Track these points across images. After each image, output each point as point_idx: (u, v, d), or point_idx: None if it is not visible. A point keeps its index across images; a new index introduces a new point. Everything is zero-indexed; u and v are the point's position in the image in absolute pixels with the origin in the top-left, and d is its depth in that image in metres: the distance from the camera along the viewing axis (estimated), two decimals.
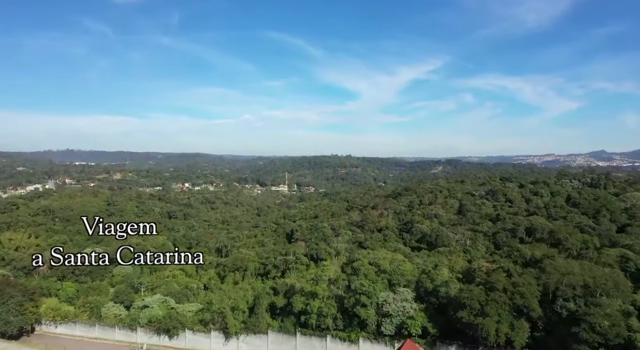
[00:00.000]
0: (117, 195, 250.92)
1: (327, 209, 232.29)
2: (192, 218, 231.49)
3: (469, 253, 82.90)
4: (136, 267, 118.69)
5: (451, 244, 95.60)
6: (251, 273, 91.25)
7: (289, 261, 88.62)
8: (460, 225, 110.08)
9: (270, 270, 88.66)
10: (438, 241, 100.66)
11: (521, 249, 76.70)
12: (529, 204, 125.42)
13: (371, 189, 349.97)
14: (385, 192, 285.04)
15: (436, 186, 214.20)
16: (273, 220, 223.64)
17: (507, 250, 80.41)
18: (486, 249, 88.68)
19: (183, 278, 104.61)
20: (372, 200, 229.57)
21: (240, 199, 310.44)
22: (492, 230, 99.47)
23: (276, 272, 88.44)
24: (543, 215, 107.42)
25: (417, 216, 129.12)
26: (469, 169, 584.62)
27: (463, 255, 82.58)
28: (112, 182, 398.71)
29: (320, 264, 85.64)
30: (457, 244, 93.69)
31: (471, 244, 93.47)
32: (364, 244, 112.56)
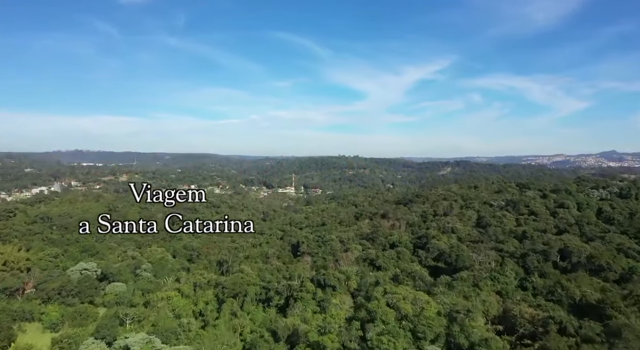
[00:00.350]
0: (119, 199, 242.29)
1: (335, 215, 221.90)
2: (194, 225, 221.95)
3: (497, 281, 72.05)
4: (130, 285, 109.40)
5: (474, 266, 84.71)
6: (252, 299, 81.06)
7: (293, 287, 78.36)
8: (481, 243, 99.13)
9: (273, 297, 78.46)
10: (458, 262, 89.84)
11: (568, 287, 65.51)
12: (556, 218, 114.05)
13: (379, 192, 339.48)
14: (394, 196, 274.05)
15: (448, 192, 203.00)
16: (279, 227, 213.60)
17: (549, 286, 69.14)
18: (515, 274, 77.70)
19: (179, 300, 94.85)
20: (382, 207, 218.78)
21: (246, 203, 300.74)
22: (520, 250, 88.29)
23: (279, 299, 78.26)
24: (575, 233, 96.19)
25: (433, 229, 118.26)
26: (478, 171, 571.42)
27: (490, 283, 71.71)
28: (118, 184, 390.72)
29: (327, 291, 75.24)
30: (482, 268, 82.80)
31: (497, 267, 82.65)
32: (376, 262, 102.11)
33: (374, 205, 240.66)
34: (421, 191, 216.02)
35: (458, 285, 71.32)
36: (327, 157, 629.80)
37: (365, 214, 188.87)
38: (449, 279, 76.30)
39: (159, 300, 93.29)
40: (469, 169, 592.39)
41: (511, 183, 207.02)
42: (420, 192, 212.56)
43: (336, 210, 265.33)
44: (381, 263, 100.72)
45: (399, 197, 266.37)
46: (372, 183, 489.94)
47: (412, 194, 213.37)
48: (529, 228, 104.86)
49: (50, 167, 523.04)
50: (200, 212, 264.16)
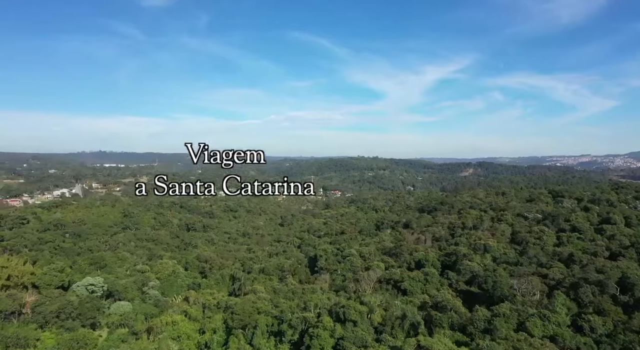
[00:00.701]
0: (135, 206, 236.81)
1: (354, 222, 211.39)
2: (211, 230, 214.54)
3: (548, 320, 60.48)
4: (136, 305, 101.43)
5: (515, 297, 73.12)
6: (262, 331, 71.40)
7: (309, 320, 68.36)
8: (521, 265, 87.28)
9: (286, 331, 68.58)
10: (496, 289, 78.30)
11: None
12: (603, 236, 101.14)
13: (400, 196, 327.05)
14: (416, 201, 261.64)
15: (475, 199, 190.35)
16: (296, 234, 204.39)
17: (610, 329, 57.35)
18: (567, 310, 65.94)
19: (185, 324, 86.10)
20: (404, 214, 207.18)
21: (264, 206, 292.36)
22: (569, 278, 76.19)
23: (292, 334, 68.35)
24: (632, 258, 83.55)
25: (463, 246, 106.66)
26: (501, 173, 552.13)
27: (540, 323, 60.19)
28: None
29: (348, 326, 64.95)
30: (525, 300, 71.14)
31: (544, 299, 71.01)
32: (402, 285, 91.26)
33: (396, 212, 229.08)
34: (445, 198, 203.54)
35: (500, 325, 60.07)
36: (346, 158, 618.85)
37: (387, 222, 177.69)
38: (488, 314, 65.06)
39: (163, 325, 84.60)
40: (492, 171, 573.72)
41: (543, 189, 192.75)
42: (445, 198, 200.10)
43: (356, 216, 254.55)
44: (407, 286, 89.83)
45: (421, 202, 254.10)
46: (392, 185, 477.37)
47: (436, 201, 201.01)
48: (574, 249, 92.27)
49: (74, 168, 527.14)
50: (218, 217, 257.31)
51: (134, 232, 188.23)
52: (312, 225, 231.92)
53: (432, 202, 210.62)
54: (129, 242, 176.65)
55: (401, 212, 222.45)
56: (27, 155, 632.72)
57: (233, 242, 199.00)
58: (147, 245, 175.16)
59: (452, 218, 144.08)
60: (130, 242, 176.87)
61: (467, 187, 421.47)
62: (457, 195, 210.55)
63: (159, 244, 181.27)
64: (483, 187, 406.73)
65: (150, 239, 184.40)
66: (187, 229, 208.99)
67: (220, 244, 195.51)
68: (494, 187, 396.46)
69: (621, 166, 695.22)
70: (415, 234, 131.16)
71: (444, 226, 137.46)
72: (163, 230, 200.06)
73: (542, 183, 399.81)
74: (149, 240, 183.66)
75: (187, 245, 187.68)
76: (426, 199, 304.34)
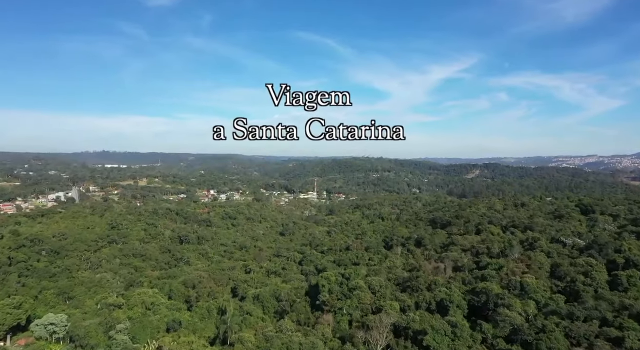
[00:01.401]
0: (127, 213, 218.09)
1: (361, 234, 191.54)
2: (206, 242, 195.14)
3: None
4: None
5: None
6: None
7: None
8: (577, 320, 67.04)
9: None
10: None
11: None
12: None
13: (407, 201, 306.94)
14: (426, 209, 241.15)
15: (492, 212, 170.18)
16: (297, 248, 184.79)
17: None
18: None
19: None
20: (414, 226, 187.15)
21: (264, 213, 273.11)
22: None
23: None
24: None
25: (493, 282, 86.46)
26: (508, 174, 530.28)
27: None
28: (136, 190, 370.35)
29: None
30: None
31: None
32: (423, 340, 71.49)
33: (404, 222, 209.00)
34: (460, 209, 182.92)
35: None
36: (351, 159, 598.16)
37: (397, 238, 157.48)
38: None
39: None
40: (499, 172, 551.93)
41: (568, 201, 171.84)
42: (459, 211, 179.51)
43: (361, 225, 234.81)
44: (430, 342, 70.02)
45: (430, 209, 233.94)
46: (398, 187, 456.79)
47: (448, 211, 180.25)
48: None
49: (74, 169, 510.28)
50: (216, 225, 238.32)
51: (121, 247, 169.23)
52: (315, 236, 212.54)
53: (445, 212, 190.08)
54: (114, 259, 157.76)
55: (410, 223, 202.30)
56: (30, 155, 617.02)
57: (229, 257, 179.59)
58: (134, 263, 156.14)
59: (473, 239, 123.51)
60: (115, 259, 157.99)
61: (475, 191, 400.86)
62: (471, 206, 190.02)
63: (147, 260, 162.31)
64: (492, 191, 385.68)
65: (138, 254, 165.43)
66: (180, 241, 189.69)
67: (215, 258, 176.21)
68: (503, 191, 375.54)
69: (629, 167, 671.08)
70: (432, 261, 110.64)
71: (464, 250, 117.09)
72: (153, 243, 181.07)
73: (554, 187, 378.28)
74: (136, 255, 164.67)
75: (178, 260, 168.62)
76: (435, 205, 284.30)
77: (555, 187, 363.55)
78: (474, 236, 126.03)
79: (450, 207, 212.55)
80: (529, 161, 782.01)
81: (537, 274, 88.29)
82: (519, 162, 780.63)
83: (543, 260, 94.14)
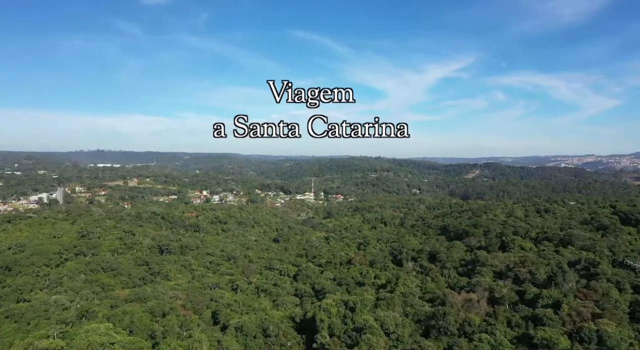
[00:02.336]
0: (105, 219, 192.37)
1: (363, 244, 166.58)
2: (191, 251, 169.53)
3: None
4: None
5: None
6: None
7: None
8: None
9: None
10: None
11: None
12: None
13: (409, 202, 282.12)
14: (431, 213, 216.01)
15: (514, 220, 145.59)
16: (292, 260, 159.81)
17: None
18: None
19: None
20: (423, 234, 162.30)
21: (258, 217, 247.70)
22: None
23: None
24: None
25: (557, 332, 61.45)
26: (509, 174, 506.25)
27: None
28: (124, 191, 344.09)
29: None
30: None
31: None
32: None
33: (410, 229, 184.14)
34: (475, 217, 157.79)
35: None
36: (349, 159, 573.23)
37: (406, 251, 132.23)
38: None
39: None
40: (499, 172, 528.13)
41: (598, 207, 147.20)
42: (475, 218, 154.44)
43: (362, 230, 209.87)
44: None
45: (438, 215, 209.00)
46: (397, 188, 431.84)
47: (465, 222, 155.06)
48: None
49: (64, 169, 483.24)
50: (204, 230, 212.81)
51: (89, 259, 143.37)
52: (312, 244, 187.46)
53: (456, 218, 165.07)
54: (78, 275, 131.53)
55: (417, 230, 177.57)
56: (22, 154, 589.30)
57: (214, 270, 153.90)
58: (101, 279, 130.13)
59: (505, 258, 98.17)
60: (79, 275, 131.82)
61: (477, 192, 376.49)
62: (487, 211, 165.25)
63: (118, 276, 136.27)
64: (495, 192, 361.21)
65: (108, 268, 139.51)
66: (160, 251, 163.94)
67: (198, 271, 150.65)
68: (508, 193, 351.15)
69: (628, 167, 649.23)
70: (459, 291, 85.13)
71: (497, 273, 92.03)
72: (128, 255, 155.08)
73: (561, 188, 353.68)
74: (106, 269, 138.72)
75: (155, 275, 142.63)
76: (441, 209, 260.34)
77: (562, 188, 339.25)
78: (506, 254, 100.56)
79: (460, 212, 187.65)
80: (527, 161, 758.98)
81: (614, 316, 63.25)
82: (516, 161, 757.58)
83: (615, 294, 69.02)
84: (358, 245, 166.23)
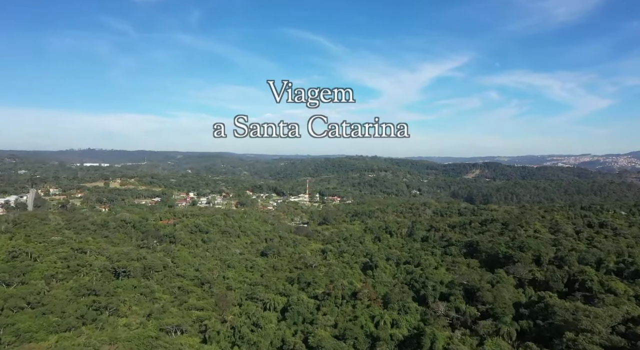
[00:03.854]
0: (62, 230, 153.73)
1: (369, 269, 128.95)
2: (156, 273, 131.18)
3: None
4: None
5: None
6: None
7: None
8: None
9: None
10: None
11: None
12: None
13: (414, 207, 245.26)
14: (451, 228, 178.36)
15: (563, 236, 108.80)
16: (280, 287, 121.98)
17: None
18: None
19: None
20: (446, 258, 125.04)
21: (245, 225, 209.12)
22: None
23: None
24: None
25: None
26: (511, 174, 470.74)
27: None
28: (103, 193, 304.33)
29: None
30: None
31: None
32: None
33: (424, 244, 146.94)
34: (509, 231, 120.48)
35: None
36: (345, 158, 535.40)
37: (432, 285, 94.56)
38: None
39: None
40: (500, 172, 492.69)
41: None
42: (510, 233, 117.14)
43: (364, 242, 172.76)
44: None
45: (453, 224, 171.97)
46: (396, 189, 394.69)
47: (499, 239, 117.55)
48: None
49: (47, 168, 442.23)
50: (181, 241, 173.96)
51: (12, 291, 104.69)
52: (306, 260, 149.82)
53: (498, 243, 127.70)
54: None
55: (435, 247, 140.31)
56: (4, 153, 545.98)
57: (181, 302, 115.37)
58: (19, 323, 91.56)
59: (605, 312, 61.09)
60: None
61: (483, 194, 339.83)
62: (522, 223, 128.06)
63: (46, 315, 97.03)
64: (503, 194, 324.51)
65: (37, 303, 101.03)
66: (116, 274, 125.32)
67: (158, 303, 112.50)
68: (517, 195, 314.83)
69: (626, 166, 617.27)
70: None
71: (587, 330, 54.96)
72: (70, 282, 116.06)
73: (575, 190, 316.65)
74: (34, 305, 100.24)
75: (101, 310, 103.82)
76: (447, 212, 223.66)
77: (576, 190, 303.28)
78: (613, 309, 62.90)
79: (482, 223, 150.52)
80: (523, 160, 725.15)
81: None
82: (512, 161, 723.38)
83: None
84: (363, 267, 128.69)
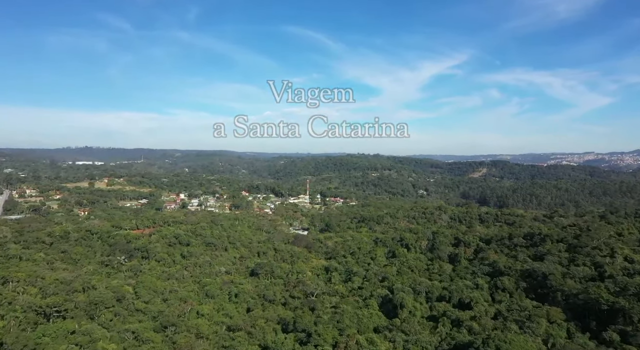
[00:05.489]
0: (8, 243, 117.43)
1: (391, 308, 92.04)
2: (105, 311, 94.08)
3: None
4: None
5: None
6: None
7: None
8: None
9: None
10: None
11: None
12: None
13: (427, 211, 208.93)
14: (483, 241, 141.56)
15: None
16: (267, 339, 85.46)
17: None
18: None
19: None
20: (507, 297, 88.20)
21: (234, 234, 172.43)
22: None
23: None
24: None
25: None
26: (520, 174, 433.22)
27: None
28: (84, 195, 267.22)
29: None
30: None
31: None
32: None
33: (462, 270, 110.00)
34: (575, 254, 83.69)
35: None
36: (346, 156, 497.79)
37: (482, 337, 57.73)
38: None
39: None
40: (508, 171, 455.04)
41: None
42: (624, 281, 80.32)
43: (376, 257, 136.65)
44: None
45: (486, 238, 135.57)
46: (402, 189, 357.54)
47: (607, 288, 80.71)
48: None
49: (36, 167, 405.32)
50: (155, 257, 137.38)
51: None
52: (305, 286, 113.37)
53: (598, 293, 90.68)
54: None
55: (475, 270, 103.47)
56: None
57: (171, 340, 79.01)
58: None
59: None
60: None
61: (497, 196, 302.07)
62: (600, 246, 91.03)
63: None
64: (521, 195, 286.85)
65: None
66: (46, 316, 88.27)
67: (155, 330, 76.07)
68: (537, 197, 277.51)
69: (632, 165, 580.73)
70: None
71: None
72: None
73: (601, 191, 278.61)
74: None
75: None
76: (466, 218, 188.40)
77: (602, 191, 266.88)
78: None
79: (532, 238, 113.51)
80: (526, 158, 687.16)
81: None
82: (515, 159, 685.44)
83: None
84: (382, 303, 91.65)
